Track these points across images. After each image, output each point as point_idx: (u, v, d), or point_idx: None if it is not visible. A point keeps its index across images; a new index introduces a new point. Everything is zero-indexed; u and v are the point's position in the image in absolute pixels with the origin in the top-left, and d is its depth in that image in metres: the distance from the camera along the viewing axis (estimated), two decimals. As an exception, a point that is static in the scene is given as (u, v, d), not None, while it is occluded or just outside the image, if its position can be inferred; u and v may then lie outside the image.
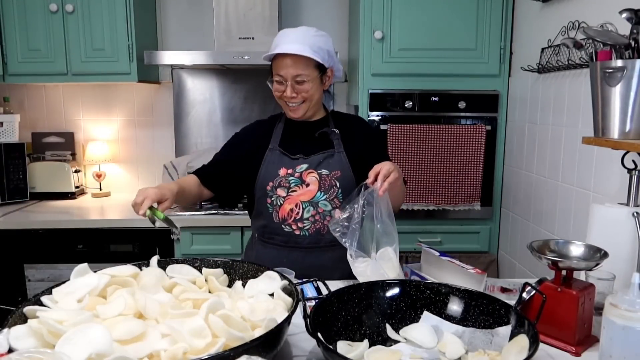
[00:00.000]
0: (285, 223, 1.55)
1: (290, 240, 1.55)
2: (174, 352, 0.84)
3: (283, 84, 1.52)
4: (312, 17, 2.92)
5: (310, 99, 1.54)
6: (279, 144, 1.60)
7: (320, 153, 1.57)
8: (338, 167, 1.56)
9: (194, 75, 2.93)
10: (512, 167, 2.45)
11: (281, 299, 1.07)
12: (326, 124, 1.62)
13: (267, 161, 1.58)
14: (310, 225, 1.54)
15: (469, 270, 1.30)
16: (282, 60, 1.49)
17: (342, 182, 1.55)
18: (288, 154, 1.57)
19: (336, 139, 1.59)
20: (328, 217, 1.54)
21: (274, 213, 1.56)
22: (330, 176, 1.54)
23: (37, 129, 2.97)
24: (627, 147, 1.24)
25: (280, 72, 1.50)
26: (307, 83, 1.51)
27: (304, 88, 1.51)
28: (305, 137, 1.60)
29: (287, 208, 1.54)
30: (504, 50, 2.42)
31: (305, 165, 1.55)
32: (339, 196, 1.55)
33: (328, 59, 1.56)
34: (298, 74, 1.49)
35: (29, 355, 0.75)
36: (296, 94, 1.52)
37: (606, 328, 0.93)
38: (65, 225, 2.40)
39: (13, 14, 2.56)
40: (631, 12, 1.22)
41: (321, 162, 1.56)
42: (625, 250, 1.23)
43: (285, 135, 1.62)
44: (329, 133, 1.59)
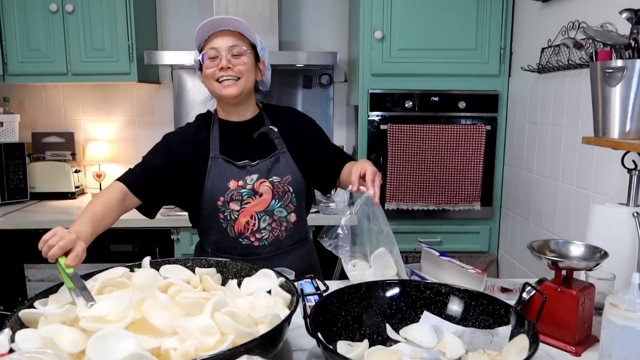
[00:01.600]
0: (242, 236, 1.47)
1: (250, 253, 1.48)
2: (186, 350, 0.84)
3: (216, 59, 1.42)
4: (312, 17, 2.92)
5: (245, 76, 1.44)
6: (220, 151, 1.48)
7: (267, 159, 1.48)
8: (288, 172, 1.49)
9: (194, 75, 2.93)
10: (512, 167, 2.45)
11: (280, 295, 1.08)
12: (261, 121, 1.54)
13: (212, 173, 1.45)
14: (268, 234, 1.49)
15: (469, 270, 1.30)
16: (216, 35, 1.42)
17: (294, 186, 1.50)
18: (232, 161, 1.46)
19: (276, 137, 1.51)
20: (285, 222, 1.50)
21: (228, 228, 1.47)
22: (283, 182, 1.48)
23: (37, 129, 2.97)
24: (627, 147, 1.24)
25: (215, 44, 1.42)
26: (244, 57, 1.43)
27: (240, 61, 1.42)
28: (244, 140, 1.51)
29: (243, 221, 1.46)
30: (504, 50, 2.42)
31: (255, 175, 1.46)
32: (293, 200, 1.50)
33: (261, 49, 1.51)
34: (235, 45, 1.42)
35: (29, 356, 0.75)
36: (231, 66, 1.41)
37: (606, 328, 0.93)
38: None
39: (13, 14, 2.56)
40: (631, 12, 1.22)
41: (270, 169, 1.47)
42: (625, 250, 1.23)
43: (223, 140, 1.50)
44: (268, 132, 1.51)
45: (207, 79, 1.45)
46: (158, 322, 0.91)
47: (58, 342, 0.85)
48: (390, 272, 1.30)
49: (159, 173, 1.46)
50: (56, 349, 0.83)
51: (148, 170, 1.46)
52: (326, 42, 2.92)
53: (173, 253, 2.42)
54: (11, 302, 2.43)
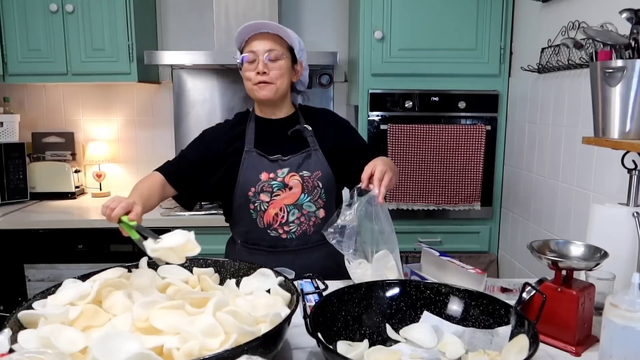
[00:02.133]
0: (270, 228, 1.53)
1: (277, 245, 1.53)
2: (190, 349, 0.84)
3: (254, 62, 1.48)
4: (312, 17, 2.92)
5: (281, 81, 1.50)
6: (254, 145, 1.55)
7: (299, 154, 1.53)
8: (318, 167, 1.54)
9: (194, 75, 2.93)
10: (512, 167, 2.45)
11: (279, 294, 1.08)
12: (296, 120, 1.59)
13: (245, 165, 1.52)
14: (296, 228, 1.53)
15: (469, 270, 1.30)
16: (255, 38, 1.48)
17: (323, 181, 1.54)
18: (266, 155, 1.53)
19: (310, 135, 1.56)
20: (313, 217, 1.53)
21: (258, 219, 1.53)
22: (312, 177, 1.52)
23: (37, 129, 2.97)
24: (627, 147, 1.24)
25: (253, 47, 1.47)
26: (280, 61, 1.48)
27: (276, 65, 1.48)
28: (278, 136, 1.56)
29: (272, 213, 1.52)
30: (504, 50, 2.42)
31: (286, 169, 1.52)
32: (322, 196, 1.54)
33: (299, 50, 1.55)
34: (272, 49, 1.47)
35: (29, 356, 0.75)
36: (267, 71, 1.47)
37: (606, 328, 0.93)
38: (65, 225, 2.40)
39: (13, 14, 2.56)
40: (631, 12, 1.22)
41: (301, 164, 1.52)
42: (625, 250, 1.23)
43: (258, 135, 1.57)
44: (302, 130, 1.56)
45: (245, 81, 1.53)
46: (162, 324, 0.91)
47: (58, 342, 0.84)
48: (390, 275, 1.30)
49: (194, 164, 1.54)
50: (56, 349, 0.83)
51: (184, 162, 1.55)
52: (326, 42, 2.91)
53: (173, 253, 2.42)
54: (11, 302, 2.43)
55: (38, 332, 0.89)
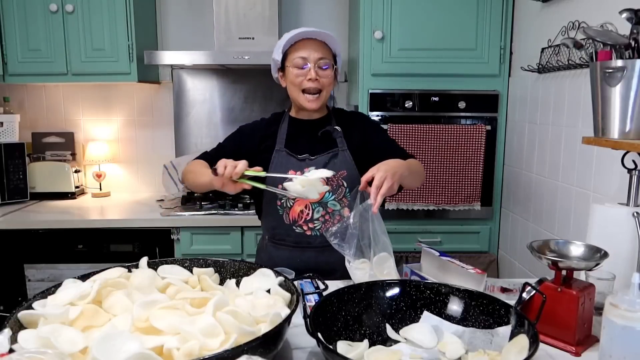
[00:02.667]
0: (296, 224, 1.57)
1: (302, 241, 1.57)
2: (190, 349, 0.84)
3: (304, 69, 1.51)
4: (312, 17, 2.92)
5: (327, 90, 1.56)
6: (285, 145, 1.60)
7: (326, 153, 1.58)
8: (344, 167, 1.57)
9: (194, 75, 2.93)
10: (512, 167, 2.45)
11: (279, 294, 1.08)
12: (329, 122, 1.64)
13: (274, 163, 1.58)
14: (320, 225, 1.57)
15: (469, 270, 1.30)
16: (305, 43, 1.51)
17: (348, 181, 1.57)
18: (294, 154, 1.58)
19: (339, 137, 1.60)
20: (338, 216, 1.56)
21: (284, 215, 1.58)
22: (337, 176, 1.56)
23: (37, 129, 2.97)
24: (627, 147, 1.24)
25: (303, 53, 1.51)
26: (328, 70, 1.53)
27: (325, 74, 1.53)
28: (309, 136, 1.61)
29: (297, 209, 1.56)
30: (504, 50, 2.42)
31: (312, 167, 1.55)
32: (347, 195, 1.57)
33: (339, 57, 1.60)
34: (322, 57, 1.51)
35: (29, 355, 0.75)
36: (318, 78, 1.51)
37: (606, 328, 0.93)
38: (65, 225, 2.40)
39: (13, 14, 2.56)
40: (631, 12, 1.22)
41: (327, 163, 1.56)
42: (625, 250, 1.23)
43: (290, 135, 1.62)
44: (332, 131, 1.60)
45: (293, 86, 1.56)
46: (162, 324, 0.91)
47: (58, 342, 0.84)
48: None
49: (229, 156, 1.55)
50: (56, 349, 0.83)
51: (220, 154, 1.56)
52: (326, 42, 2.91)
53: (173, 253, 2.42)
54: (11, 302, 2.43)
55: (38, 332, 0.89)
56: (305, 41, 1.52)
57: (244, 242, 2.45)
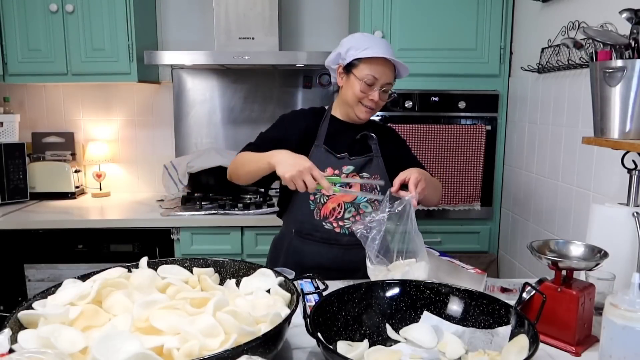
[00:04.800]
0: (326, 220, 1.59)
1: (330, 237, 1.59)
2: (190, 349, 0.84)
3: (371, 87, 1.54)
4: (312, 17, 2.92)
5: (379, 109, 1.63)
6: (324, 142, 1.62)
7: (363, 156, 1.62)
8: (377, 172, 1.62)
9: (194, 75, 2.93)
10: (512, 167, 2.45)
11: (279, 294, 1.08)
12: (365, 128, 1.67)
13: (313, 158, 1.56)
14: (350, 225, 1.58)
15: (469, 270, 1.30)
16: (380, 64, 1.53)
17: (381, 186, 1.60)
18: (333, 152, 1.61)
19: (374, 143, 1.65)
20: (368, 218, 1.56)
21: (315, 210, 1.59)
22: (371, 180, 1.60)
23: (37, 129, 2.97)
24: (627, 147, 1.24)
25: (376, 74, 1.53)
26: (387, 94, 1.58)
27: (384, 97, 1.58)
28: (348, 137, 1.64)
29: (330, 207, 1.58)
30: (504, 50, 2.42)
31: (351, 167, 1.60)
32: (378, 199, 1.58)
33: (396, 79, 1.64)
34: (389, 83, 1.56)
35: (29, 355, 0.75)
36: (379, 101, 1.56)
37: (606, 328, 0.93)
38: (65, 225, 2.40)
39: (13, 14, 2.56)
40: (631, 12, 1.22)
41: (363, 166, 1.61)
42: (625, 250, 1.23)
43: (329, 133, 1.64)
44: (369, 137, 1.65)
45: (353, 96, 1.57)
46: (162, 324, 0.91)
47: (58, 342, 0.84)
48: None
49: (273, 143, 1.56)
50: (56, 349, 0.83)
51: (265, 142, 1.59)
52: (326, 42, 2.91)
53: (173, 253, 2.42)
54: (11, 302, 2.43)
55: (38, 332, 0.89)
56: (381, 60, 1.53)
57: (244, 242, 2.45)
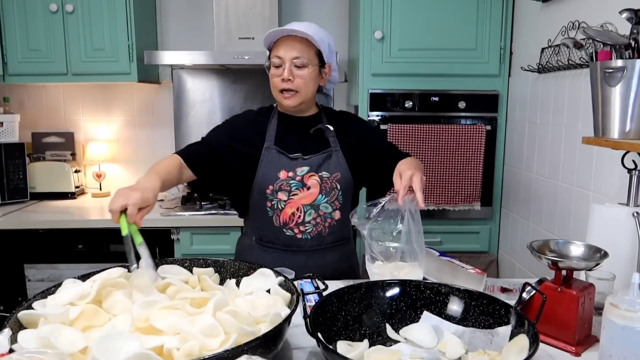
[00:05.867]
0: (286, 227, 1.52)
1: (292, 244, 1.53)
2: (190, 350, 0.84)
3: (280, 68, 1.46)
4: (312, 17, 2.92)
5: (305, 89, 1.49)
6: (275, 142, 1.53)
7: (320, 154, 1.53)
8: (338, 169, 1.53)
9: (194, 75, 2.93)
10: (512, 167, 2.45)
11: (279, 294, 1.08)
12: (319, 120, 1.59)
13: (264, 161, 1.51)
14: (312, 228, 1.52)
15: (469, 270, 1.30)
16: (283, 41, 1.46)
17: (342, 183, 1.53)
18: (286, 152, 1.52)
19: (331, 136, 1.56)
20: (329, 218, 1.53)
21: (274, 217, 1.52)
22: (331, 179, 1.52)
23: (37, 129, 2.97)
24: (627, 147, 1.24)
25: (280, 52, 1.45)
26: (306, 68, 1.46)
27: (301, 73, 1.46)
28: (300, 134, 1.55)
29: (289, 212, 1.51)
30: (504, 50, 2.42)
31: (306, 167, 1.51)
32: (340, 198, 1.54)
33: (328, 53, 1.52)
34: (298, 56, 1.45)
35: (29, 356, 0.75)
36: (292, 78, 1.46)
37: (606, 328, 0.93)
38: (65, 225, 2.40)
39: (13, 14, 2.56)
40: (631, 12, 1.22)
41: (321, 164, 1.52)
42: (625, 250, 1.23)
43: (279, 132, 1.55)
44: (324, 130, 1.56)
45: (272, 85, 1.51)
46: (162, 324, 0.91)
47: (58, 342, 0.84)
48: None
49: (216, 151, 1.50)
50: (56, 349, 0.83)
51: (204, 147, 1.51)
52: (326, 42, 2.91)
53: (173, 253, 2.42)
54: (11, 302, 2.43)
55: (38, 332, 0.89)
56: (285, 39, 1.46)
57: (244, 242, 2.45)
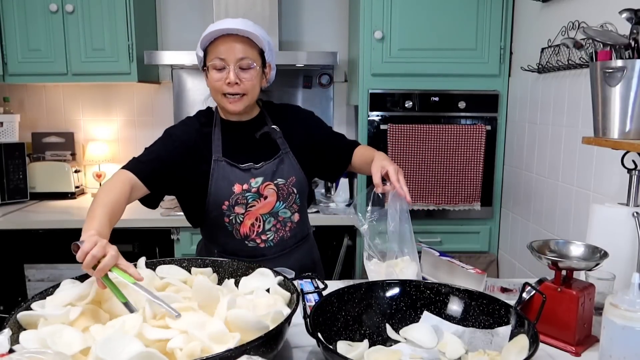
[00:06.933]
0: (248, 239, 1.46)
1: (256, 254, 1.47)
2: (192, 350, 0.84)
3: (223, 70, 1.36)
4: (312, 17, 2.92)
5: (252, 91, 1.40)
6: (223, 153, 1.44)
7: (271, 161, 1.45)
8: (292, 173, 1.47)
9: (194, 75, 2.93)
10: (512, 167, 2.45)
11: (279, 293, 1.08)
12: (263, 121, 1.50)
13: (215, 176, 1.42)
14: (273, 235, 1.48)
15: (469, 270, 1.30)
16: (223, 41, 1.35)
17: (298, 187, 1.49)
18: (236, 164, 1.43)
19: (279, 137, 1.48)
20: (289, 222, 1.49)
21: (234, 231, 1.46)
22: (287, 184, 1.46)
23: (37, 129, 2.97)
24: (627, 147, 1.24)
25: (222, 54, 1.34)
26: (252, 70, 1.37)
27: (247, 76, 1.36)
28: (247, 140, 1.47)
29: (248, 224, 1.45)
30: (504, 50, 2.42)
31: (260, 178, 1.43)
32: (297, 201, 1.50)
33: (269, 51, 1.43)
34: (243, 57, 1.35)
35: (29, 356, 0.75)
36: (239, 82, 1.36)
37: (606, 328, 0.93)
38: (65, 225, 2.40)
39: (13, 14, 2.56)
40: (631, 12, 1.22)
41: (275, 171, 1.45)
42: (625, 250, 1.23)
43: (225, 142, 1.46)
44: (271, 132, 1.47)
45: (213, 89, 1.41)
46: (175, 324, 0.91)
47: (59, 343, 0.84)
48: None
49: (168, 166, 1.40)
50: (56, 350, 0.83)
51: (156, 162, 1.39)
52: (326, 42, 2.91)
53: (173, 253, 2.42)
54: (11, 303, 2.43)
55: (39, 332, 0.89)
56: (225, 38, 1.35)
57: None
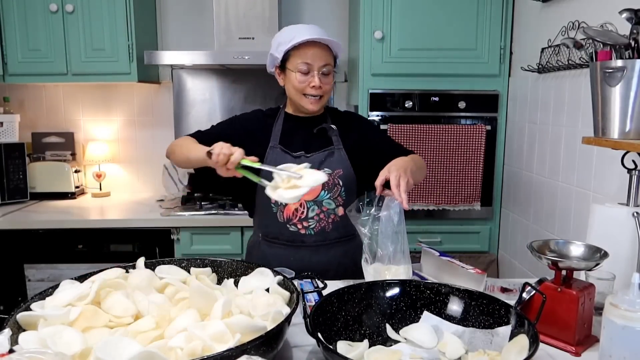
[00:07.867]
0: (290, 222, 1.55)
1: (296, 240, 1.55)
2: (193, 350, 0.84)
3: (308, 74, 1.49)
4: (312, 17, 2.92)
5: (329, 93, 1.55)
6: (279, 141, 1.57)
7: (322, 151, 1.56)
8: (340, 166, 1.56)
9: (194, 75, 2.93)
10: (512, 167, 2.45)
11: (278, 293, 1.08)
12: (324, 119, 1.61)
13: (268, 160, 1.54)
14: (315, 224, 1.55)
15: (469, 270, 1.30)
16: (310, 48, 1.48)
17: (344, 180, 1.56)
18: (289, 151, 1.55)
19: (334, 135, 1.58)
20: (332, 215, 1.55)
21: (278, 213, 1.55)
22: (333, 175, 1.54)
23: (37, 129, 2.97)
24: (627, 147, 1.24)
25: (309, 59, 1.48)
26: (330, 76, 1.52)
27: (327, 80, 1.52)
28: (304, 133, 1.59)
29: (292, 208, 1.54)
30: (504, 50, 2.42)
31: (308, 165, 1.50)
32: (342, 194, 1.56)
33: (338, 60, 1.58)
34: (326, 64, 1.50)
35: (29, 356, 0.75)
36: (322, 85, 1.50)
37: (606, 328, 0.93)
38: (65, 225, 2.40)
39: (13, 14, 2.56)
40: (631, 12, 1.22)
41: (323, 161, 1.55)
42: (625, 250, 1.23)
43: (284, 132, 1.59)
44: (327, 129, 1.58)
45: (294, 90, 1.53)
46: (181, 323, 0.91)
47: (59, 343, 0.84)
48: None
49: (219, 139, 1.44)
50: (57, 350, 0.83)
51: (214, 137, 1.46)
52: (326, 42, 2.91)
53: (173, 253, 2.42)
54: (11, 303, 2.43)
55: (39, 333, 0.89)
56: (310, 44, 1.48)
57: (244, 242, 2.45)
